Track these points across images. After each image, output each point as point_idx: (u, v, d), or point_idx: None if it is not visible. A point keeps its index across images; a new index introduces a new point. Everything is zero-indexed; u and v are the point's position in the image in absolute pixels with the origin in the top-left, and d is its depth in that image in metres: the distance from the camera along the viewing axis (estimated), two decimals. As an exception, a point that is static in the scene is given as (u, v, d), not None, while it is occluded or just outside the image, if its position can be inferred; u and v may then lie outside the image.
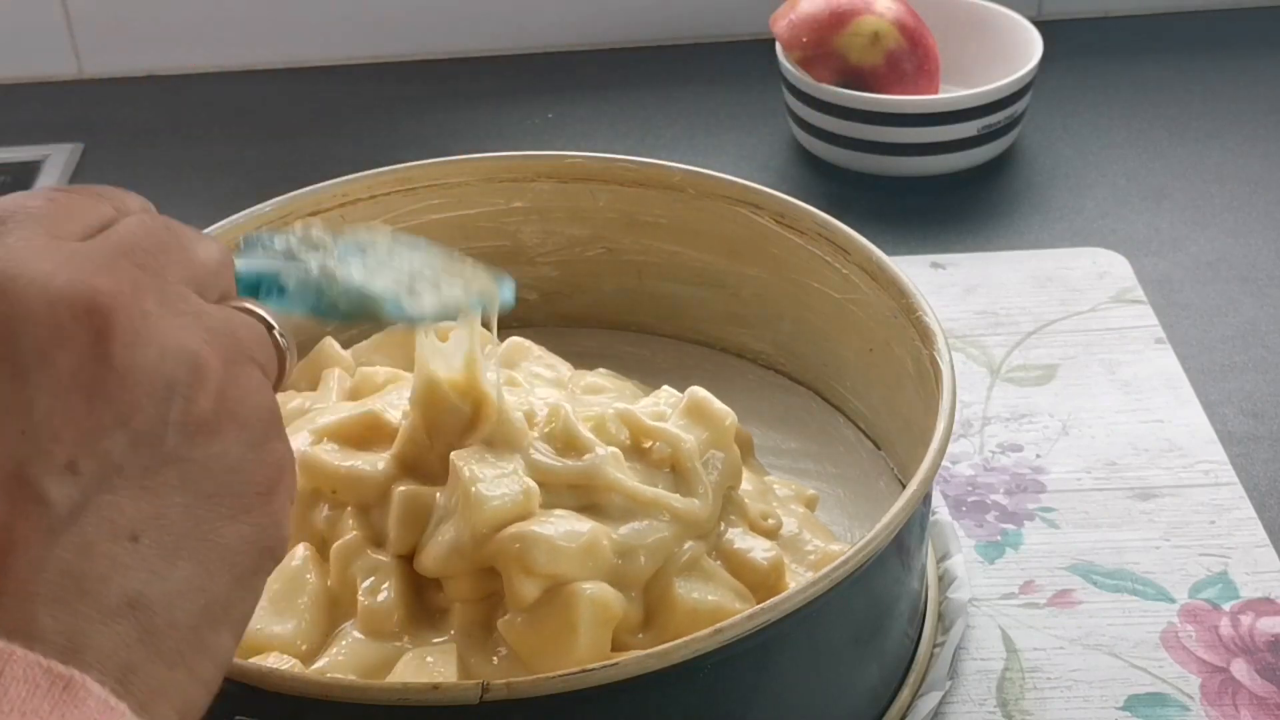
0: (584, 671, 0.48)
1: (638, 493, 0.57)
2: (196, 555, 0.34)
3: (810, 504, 0.65)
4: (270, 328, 0.39)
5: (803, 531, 0.62)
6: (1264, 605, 0.65)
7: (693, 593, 0.56)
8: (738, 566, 0.58)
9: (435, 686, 0.48)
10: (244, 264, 0.45)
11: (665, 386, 0.65)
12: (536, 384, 0.64)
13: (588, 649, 0.53)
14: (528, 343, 0.68)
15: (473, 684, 0.47)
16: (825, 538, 0.63)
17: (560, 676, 0.47)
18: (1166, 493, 0.71)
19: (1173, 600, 0.65)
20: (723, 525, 0.60)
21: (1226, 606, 0.65)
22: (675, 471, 0.59)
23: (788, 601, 0.49)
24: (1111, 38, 1.12)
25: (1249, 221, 0.92)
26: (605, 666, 0.48)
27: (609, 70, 1.11)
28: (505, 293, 0.55)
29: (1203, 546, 0.68)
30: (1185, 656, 0.63)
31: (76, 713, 0.30)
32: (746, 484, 0.62)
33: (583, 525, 0.55)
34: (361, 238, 0.50)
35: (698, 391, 0.62)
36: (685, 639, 0.49)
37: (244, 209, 0.71)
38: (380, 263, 0.49)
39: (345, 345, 0.71)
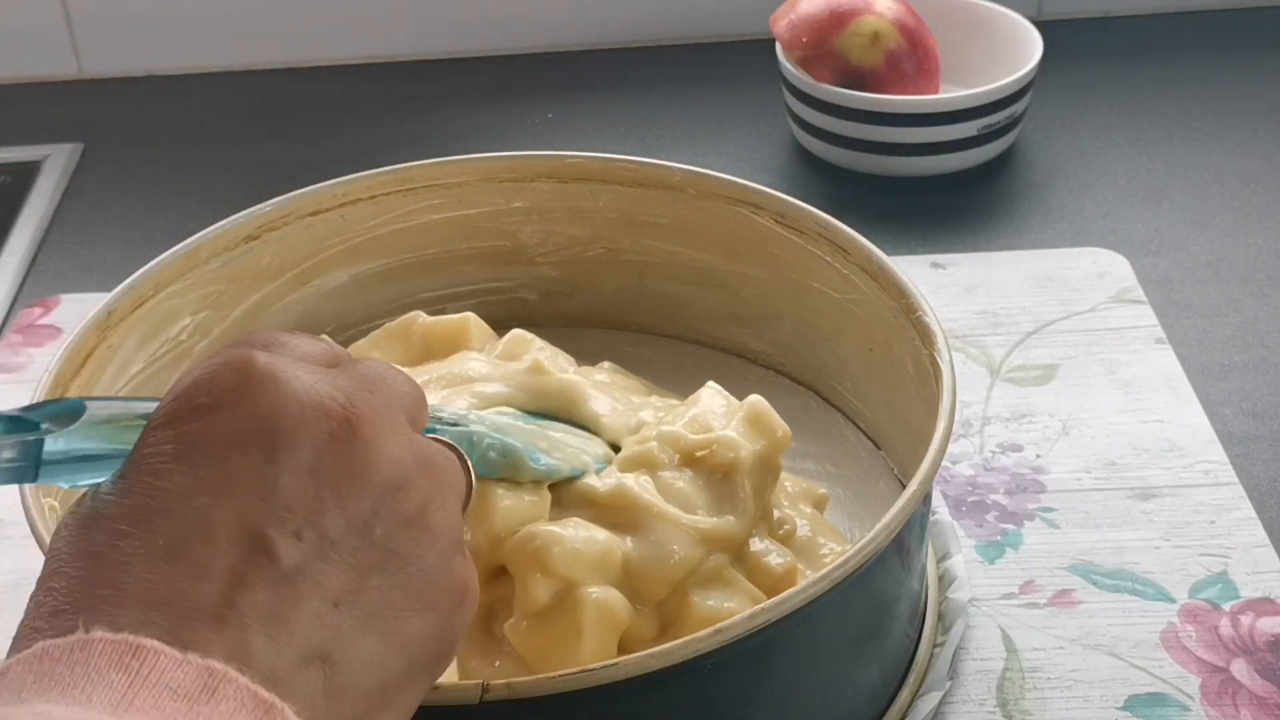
0: (584, 671, 0.48)
1: (665, 514, 0.57)
2: (383, 634, 0.39)
3: (820, 503, 0.65)
4: (462, 457, 0.45)
5: (815, 535, 0.62)
6: (1264, 605, 0.65)
7: (709, 600, 0.56)
8: (753, 571, 0.59)
9: (436, 686, 0.47)
10: None
11: (710, 383, 0.64)
12: None
13: (593, 653, 0.53)
14: (529, 335, 0.68)
15: (473, 684, 0.47)
16: (836, 539, 0.63)
17: (560, 676, 0.47)
18: (1166, 493, 0.71)
19: (1173, 600, 0.65)
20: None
21: (1226, 606, 0.65)
22: (724, 480, 0.59)
23: (788, 601, 0.49)
24: (1111, 38, 1.12)
25: (1249, 221, 0.92)
26: (605, 666, 0.48)
27: (609, 70, 1.11)
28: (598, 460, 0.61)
29: (1203, 546, 0.68)
30: (1185, 656, 0.63)
31: None
32: None
33: (599, 533, 0.56)
34: (479, 414, 0.58)
35: (759, 403, 0.61)
36: (685, 639, 0.49)
37: (244, 209, 0.71)
38: (505, 428, 0.57)
39: (345, 345, 0.71)
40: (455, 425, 0.54)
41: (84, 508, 0.38)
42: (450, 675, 0.54)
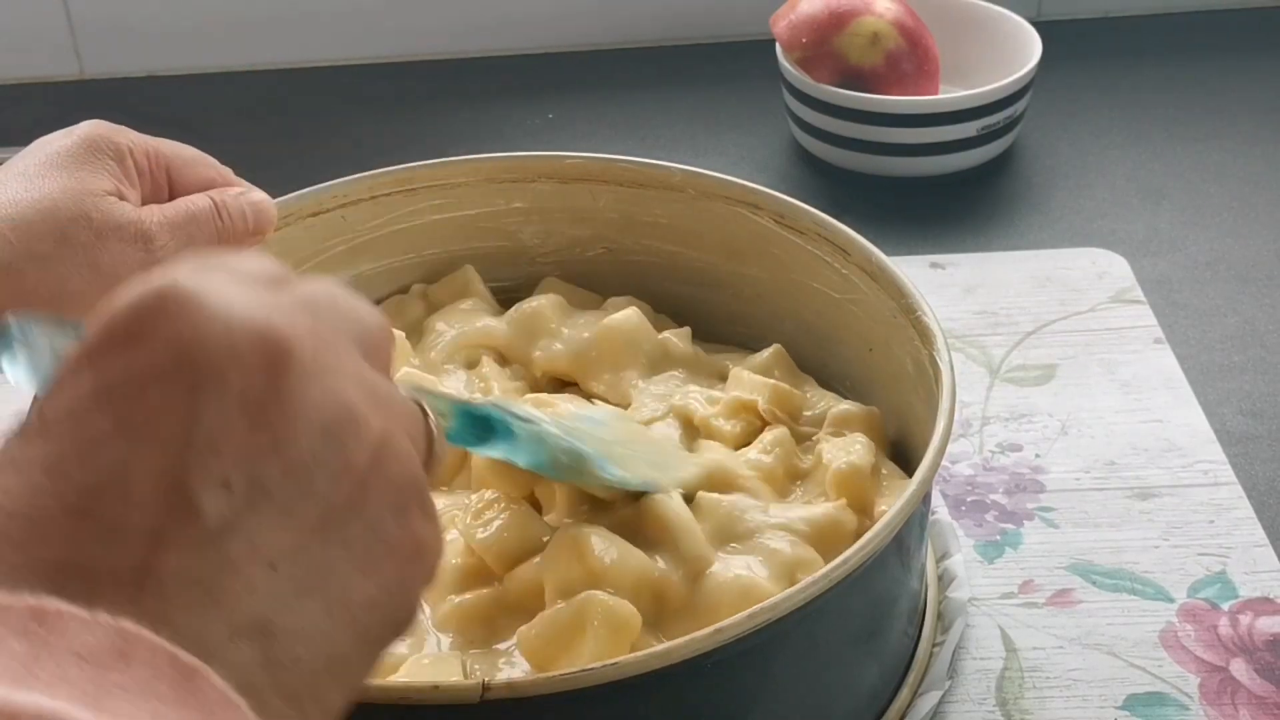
0: (584, 671, 0.48)
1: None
2: (326, 600, 0.34)
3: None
4: (426, 415, 0.40)
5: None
6: (1263, 605, 0.65)
7: (732, 569, 0.57)
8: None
9: (436, 686, 0.48)
10: (485, 402, 0.51)
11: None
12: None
13: (595, 656, 0.53)
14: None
15: (473, 683, 0.47)
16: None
17: (561, 676, 0.47)
18: (1165, 492, 0.71)
19: (1171, 600, 0.65)
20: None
21: (1225, 606, 0.65)
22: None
23: (787, 601, 0.50)
24: (1111, 38, 1.13)
25: (1248, 221, 0.92)
26: (605, 666, 0.48)
27: (609, 70, 1.11)
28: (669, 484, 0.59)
29: (1201, 546, 0.68)
30: (1184, 656, 0.63)
31: (195, 700, 0.30)
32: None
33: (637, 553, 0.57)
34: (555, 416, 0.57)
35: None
36: (685, 639, 0.49)
37: (245, 209, 0.71)
38: (578, 432, 0.55)
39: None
40: (528, 422, 0.52)
41: (8, 446, 0.34)
42: (451, 674, 0.54)
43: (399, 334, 0.70)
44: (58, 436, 0.33)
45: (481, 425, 0.49)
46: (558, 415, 0.59)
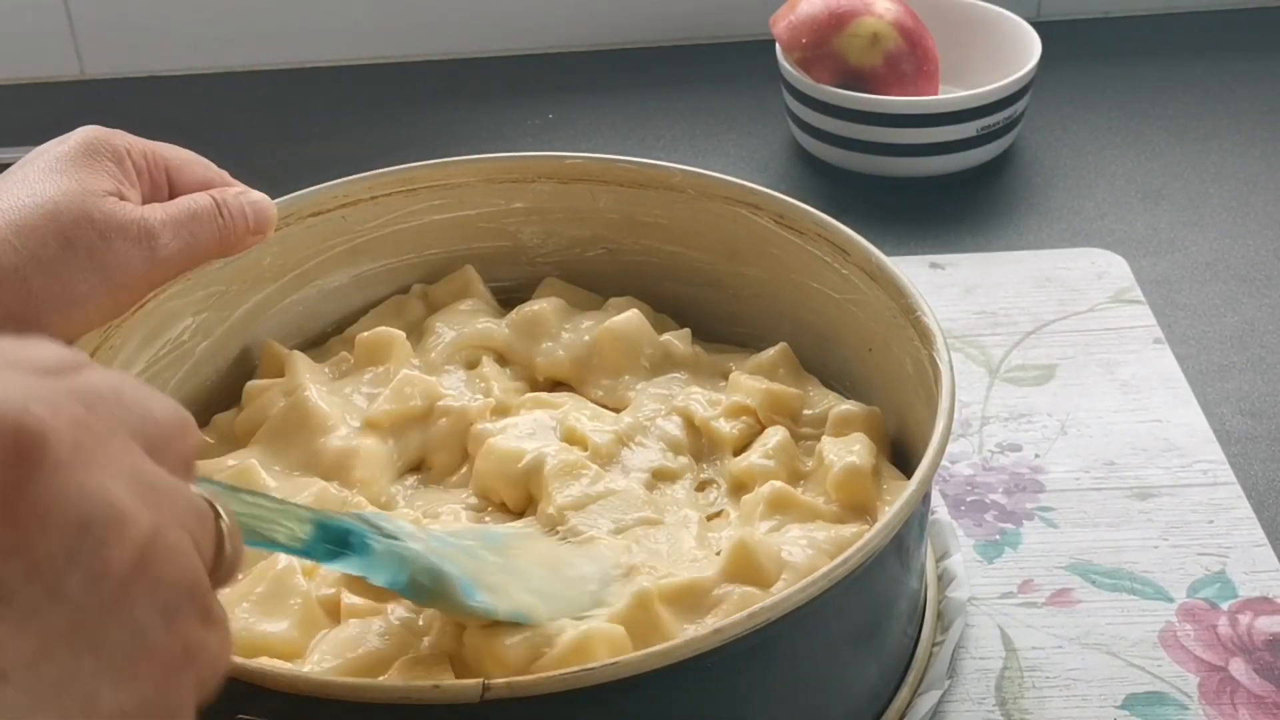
0: (585, 670, 0.48)
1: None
2: (63, 714, 0.32)
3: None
4: (218, 516, 0.37)
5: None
6: (1262, 604, 0.65)
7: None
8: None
9: (436, 686, 0.48)
10: (340, 517, 0.49)
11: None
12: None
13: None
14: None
15: (474, 683, 0.47)
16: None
17: (561, 675, 0.48)
18: (1165, 492, 0.71)
19: (1171, 599, 0.66)
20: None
21: (1225, 606, 0.65)
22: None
23: (787, 601, 0.50)
24: (1110, 39, 1.13)
25: (1247, 222, 0.92)
26: (605, 666, 0.48)
27: (609, 70, 1.12)
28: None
29: (1201, 546, 0.68)
30: (1183, 655, 0.63)
31: None
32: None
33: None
34: (435, 533, 0.55)
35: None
36: (685, 639, 0.49)
37: (245, 209, 0.71)
38: (449, 554, 0.52)
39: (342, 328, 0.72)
40: (391, 538, 0.50)
41: None
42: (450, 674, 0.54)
43: (398, 333, 0.70)
44: None
45: (338, 539, 0.48)
46: (442, 532, 0.56)
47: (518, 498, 0.63)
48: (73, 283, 0.56)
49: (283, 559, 0.58)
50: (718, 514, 0.63)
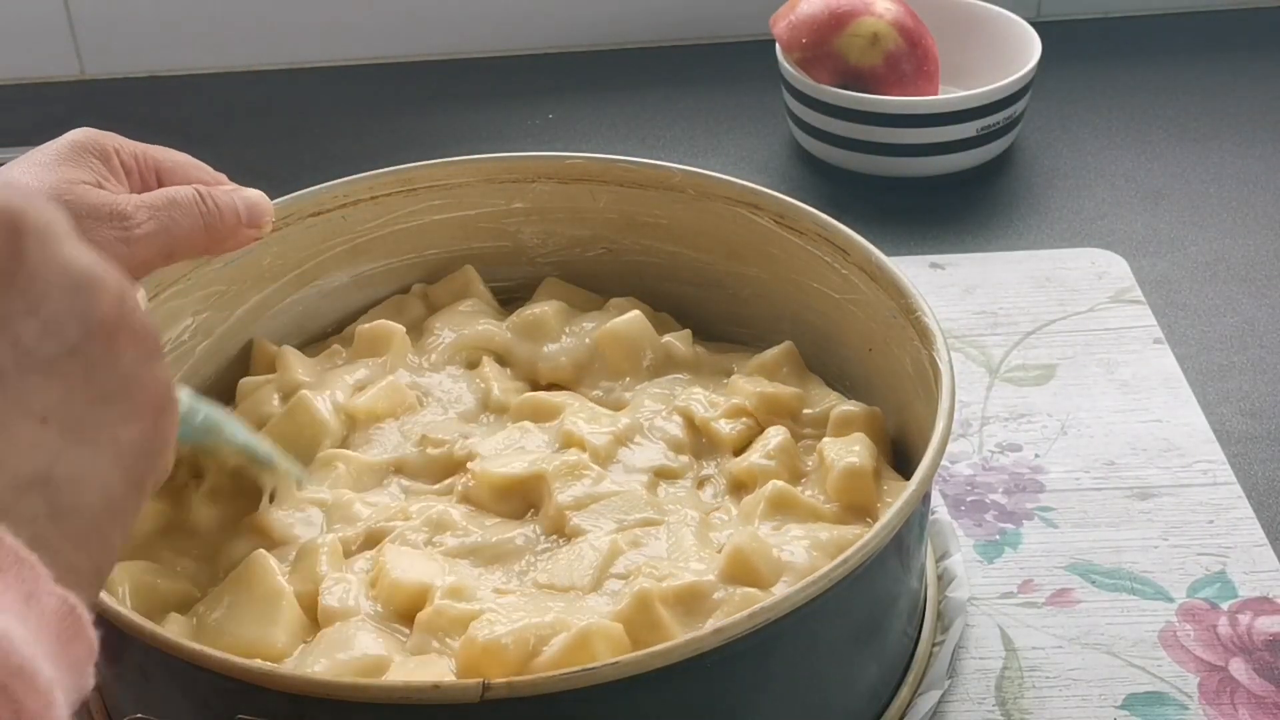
0: (585, 670, 0.48)
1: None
2: (97, 447, 0.37)
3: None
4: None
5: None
6: (1262, 604, 0.65)
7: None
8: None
9: (436, 685, 0.48)
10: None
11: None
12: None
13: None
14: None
15: (474, 682, 0.47)
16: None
17: (561, 675, 0.48)
18: (1165, 492, 0.71)
19: (1171, 599, 0.66)
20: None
21: (1224, 606, 0.65)
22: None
23: (787, 601, 0.50)
24: (1110, 39, 1.13)
25: (1247, 222, 0.92)
26: (605, 666, 0.48)
27: (609, 70, 1.12)
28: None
29: (1201, 546, 0.68)
30: (1183, 655, 0.63)
31: None
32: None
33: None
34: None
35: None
36: (685, 639, 0.49)
37: (245, 209, 0.71)
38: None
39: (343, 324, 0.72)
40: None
41: None
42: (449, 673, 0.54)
43: (398, 327, 0.70)
44: None
45: None
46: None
47: (514, 509, 0.63)
48: None
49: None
50: (718, 509, 0.63)
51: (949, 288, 0.85)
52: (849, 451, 0.63)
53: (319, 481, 0.64)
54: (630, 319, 0.71)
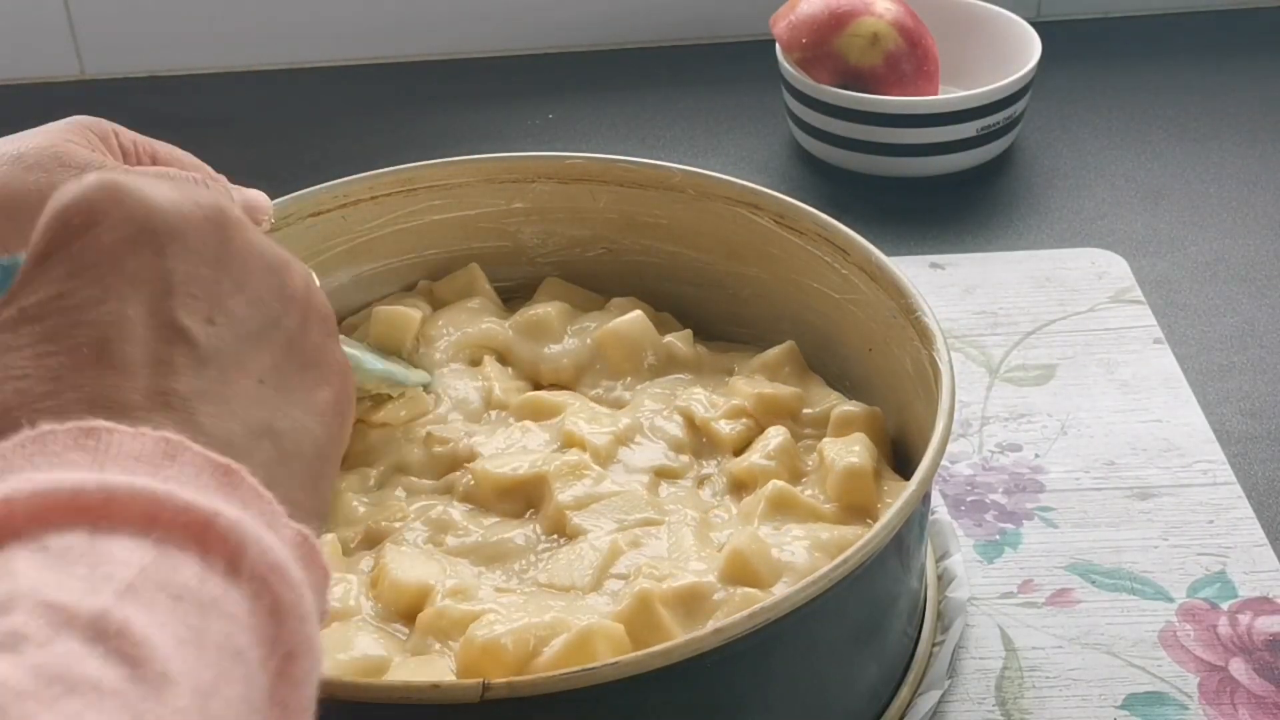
0: (585, 670, 0.48)
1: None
2: (303, 405, 0.41)
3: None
4: None
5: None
6: (1262, 604, 0.65)
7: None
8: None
9: (436, 685, 0.48)
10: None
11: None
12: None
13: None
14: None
15: (474, 682, 0.47)
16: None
17: (561, 675, 0.48)
18: (1165, 492, 0.71)
19: (1171, 599, 0.66)
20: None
21: (1225, 606, 0.65)
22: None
23: (787, 600, 0.50)
24: (1110, 39, 1.13)
25: (1247, 222, 0.92)
26: (605, 666, 0.48)
27: (609, 70, 1.11)
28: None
29: (1201, 546, 0.68)
30: (1183, 655, 0.63)
31: (236, 494, 0.35)
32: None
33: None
34: None
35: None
36: (684, 639, 0.49)
37: (245, 209, 0.71)
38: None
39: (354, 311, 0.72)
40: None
41: None
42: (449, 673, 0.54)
43: (414, 314, 0.71)
44: (44, 316, 0.38)
45: None
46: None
47: (514, 509, 0.63)
48: (29, 225, 0.56)
49: None
50: (718, 509, 0.63)
51: (949, 288, 0.85)
52: (849, 451, 0.63)
53: None
54: (632, 319, 0.71)
